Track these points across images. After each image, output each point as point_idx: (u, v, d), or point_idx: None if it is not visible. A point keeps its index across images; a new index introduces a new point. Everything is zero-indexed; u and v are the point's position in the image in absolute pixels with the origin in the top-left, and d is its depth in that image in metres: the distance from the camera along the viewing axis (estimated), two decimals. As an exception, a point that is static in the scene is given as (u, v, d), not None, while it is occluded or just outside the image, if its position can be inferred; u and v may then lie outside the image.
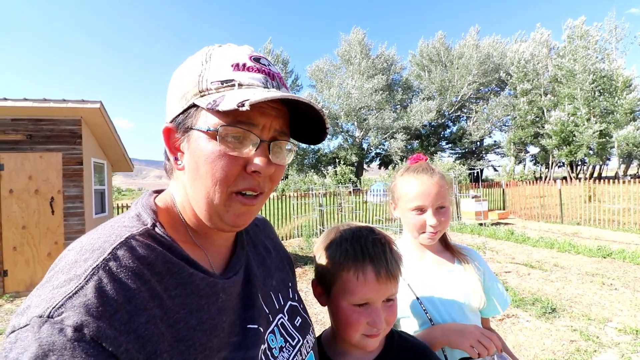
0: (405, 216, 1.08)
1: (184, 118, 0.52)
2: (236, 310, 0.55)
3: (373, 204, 12.09)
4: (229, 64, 0.52)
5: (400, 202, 1.11)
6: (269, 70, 0.54)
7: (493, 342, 0.88)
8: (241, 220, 0.53)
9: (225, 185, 0.50)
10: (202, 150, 0.49)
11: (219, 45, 0.56)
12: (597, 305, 4.28)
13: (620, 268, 5.86)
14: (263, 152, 0.51)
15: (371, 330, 0.74)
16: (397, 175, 1.16)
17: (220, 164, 0.49)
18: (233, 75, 0.51)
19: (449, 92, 37.99)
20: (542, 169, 36.64)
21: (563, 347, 3.32)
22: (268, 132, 0.52)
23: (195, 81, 0.51)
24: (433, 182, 1.04)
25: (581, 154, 27.14)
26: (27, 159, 5.30)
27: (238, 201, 0.51)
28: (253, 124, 0.50)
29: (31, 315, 0.37)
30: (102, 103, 5.54)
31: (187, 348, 0.45)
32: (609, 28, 27.90)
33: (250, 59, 0.53)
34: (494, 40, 37.69)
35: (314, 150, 39.18)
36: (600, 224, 10.54)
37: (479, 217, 11.11)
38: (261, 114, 0.50)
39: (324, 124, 0.55)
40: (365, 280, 0.73)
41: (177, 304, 0.47)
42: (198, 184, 0.51)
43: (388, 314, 0.75)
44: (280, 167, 0.55)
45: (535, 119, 31.47)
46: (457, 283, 1.06)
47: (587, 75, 26.19)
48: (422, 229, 1.05)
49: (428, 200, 1.03)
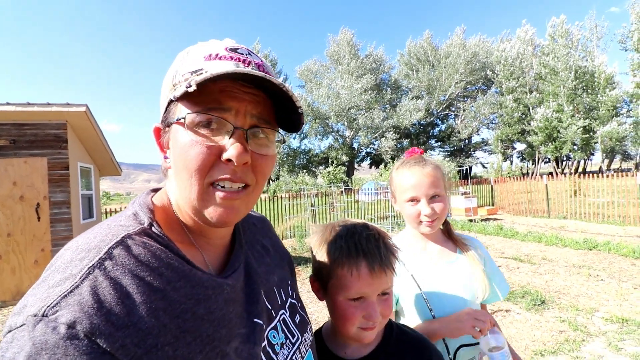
0: (403, 208, 1.12)
1: (167, 115, 0.52)
2: (242, 302, 0.55)
3: (365, 203, 12.16)
4: (202, 55, 0.50)
5: (397, 194, 1.15)
6: (245, 58, 0.51)
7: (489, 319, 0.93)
8: (224, 216, 0.50)
9: (200, 176, 0.48)
10: (177, 141, 0.49)
11: (201, 43, 0.55)
12: (585, 296, 4.39)
13: (606, 259, 6.02)
14: (237, 139, 0.48)
15: (367, 324, 0.75)
16: (393, 170, 1.19)
17: (193, 153, 0.47)
18: (202, 65, 0.49)
19: (437, 91, 38.46)
20: (529, 165, 37.45)
21: (553, 337, 3.40)
22: (244, 118, 0.50)
23: (171, 77, 0.52)
24: (425, 173, 1.07)
25: (566, 150, 27.83)
26: (11, 164, 5.16)
27: (216, 194, 0.49)
28: (223, 108, 0.48)
29: (27, 314, 0.37)
30: (87, 106, 5.43)
31: (193, 339, 0.44)
32: (590, 26, 28.67)
33: (226, 49, 0.51)
34: (480, 39, 38.32)
35: (305, 150, 39.20)
36: (585, 218, 10.81)
37: (468, 213, 11.27)
38: (231, 97, 0.48)
39: (295, 104, 0.52)
40: (359, 275, 0.74)
41: (183, 295, 0.46)
42: (178, 178, 0.50)
43: (383, 307, 0.77)
44: (264, 157, 0.52)
45: (521, 116, 32.13)
46: (460, 273, 1.09)
47: (569, 73, 26.87)
48: (419, 219, 1.08)
49: (421, 190, 1.06)
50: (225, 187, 0.49)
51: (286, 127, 0.57)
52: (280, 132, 0.57)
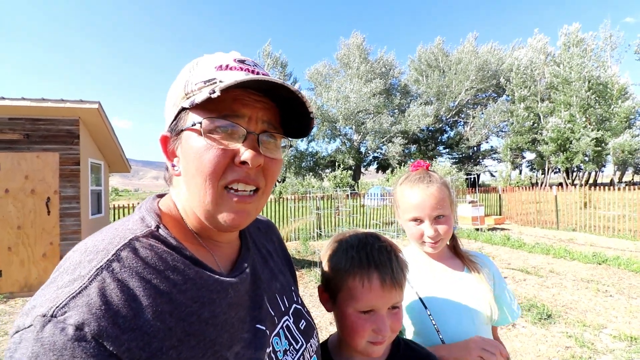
0: (405, 226, 1.08)
1: (176, 123, 0.54)
2: (245, 307, 0.56)
3: (370, 208, 12.10)
4: (212, 66, 0.53)
5: (400, 211, 1.10)
6: (253, 69, 0.55)
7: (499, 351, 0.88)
8: (237, 219, 0.52)
9: (214, 179, 0.49)
10: (191, 147, 0.50)
11: (208, 55, 0.58)
12: (592, 312, 4.30)
13: (615, 275, 5.90)
14: (251, 144, 0.51)
15: (376, 337, 0.74)
16: (396, 184, 1.14)
17: (208, 157, 0.49)
18: (215, 74, 0.52)
19: (446, 97, 38.20)
20: (538, 174, 36.90)
21: (558, 353, 3.33)
22: (256, 123, 0.52)
23: (182, 87, 0.53)
24: (429, 194, 1.01)
25: (577, 161, 27.35)
26: (24, 158, 5.26)
27: (230, 198, 0.51)
28: (237, 115, 0.50)
29: (35, 314, 0.38)
30: (100, 103, 5.52)
31: (197, 343, 0.45)
32: (604, 36, 28.25)
33: (235, 61, 0.54)
34: (492, 46, 38.01)
35: (312, 153, 39.20)
36: (595, 231, 10.61)
37: (475, 222, 11.14)
38: (244, 105, 0.51)
39: (308, 109, 0.54)
40: (370, 287, 0.74)
41: (188, 297, 0.47)
42: (191, 184, 0.51)
43: (393, 321, 0.76)
44: (274, 161, 0.55)
45: (532, 125, 31.71)
46: (465, 292, 1.04)
47: (583, 83, 26.48)
48: (421, 239, 1.03)
49: (424, 212, 1.01)
50: (238, 191, 0.51)
51: (292, 133, 0.60)
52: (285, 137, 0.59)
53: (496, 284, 1.08)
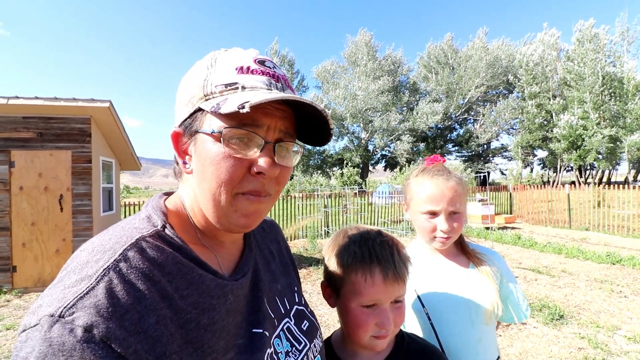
0: (417, 219, 1.05)
1: (191, 122, 0.52)
2: (243, 312, 0.56)
3: (378, 206, 12.05)
4: (233, 67, 0.52)
5: (413, 204, 1.07)
6: (274, 72, 0.54)
7: None
8: (250, 220, 0.53)
9: (230, 187, 0.50)
10: (208, 152, 0.50)
11: (225, 49, 0.57)
12: (606, 313, 4.21)
13: (630, 275, 5.75)
14: (268, 154, 0.51)
15: (379, 332, 0.74)
16: (411, 176, 1.10)
17: (225, 166, 0.49)
18: (237, 78, 0.51)
19: (456, 94, 37.76)
20: (550, 173, 36.22)
21: (571, 354, 3.27)
22: (273, 133, 0.52)
23: (200, 85, 0.52)
24: (448, 187, 1.00)
25: (590, 159, 26.74)
26: (38, 156, 5.38)
27: (244, 199, 0.51)
28: (257, 125, 0.50)
29: (42, 314, 0.38)
30: (111, 102, 5.60)
31: (195, 350, 0.45)
32: (621, 30, 27.46)
33: (255, 62, 0.53)
34: (503, 42, 37.41)
35: (320, 151, 39.20)
36: (609, 230, 10.37)
37: (485, 220, 11.00)
38: (265, 114, 0.50)
39: (328, 124, 0.55)
40: (373, 281, 0.74)
41: (189, 304, 0.47)
42: (204, 186, 0.51)
43: (396, 315, 0.76)
44: (286, 168, 0.55)
45: (543, 122, 31.12)
46: (468, 289, 1.01)
47: (597, 79, 25.84)
48: (433, 234, 1.01)
49: (442, 204, 0.99)
50: (251, 197, 0.51)
51: (305, 138, 0.61)
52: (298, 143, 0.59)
53: (503, 281, 1.05)
